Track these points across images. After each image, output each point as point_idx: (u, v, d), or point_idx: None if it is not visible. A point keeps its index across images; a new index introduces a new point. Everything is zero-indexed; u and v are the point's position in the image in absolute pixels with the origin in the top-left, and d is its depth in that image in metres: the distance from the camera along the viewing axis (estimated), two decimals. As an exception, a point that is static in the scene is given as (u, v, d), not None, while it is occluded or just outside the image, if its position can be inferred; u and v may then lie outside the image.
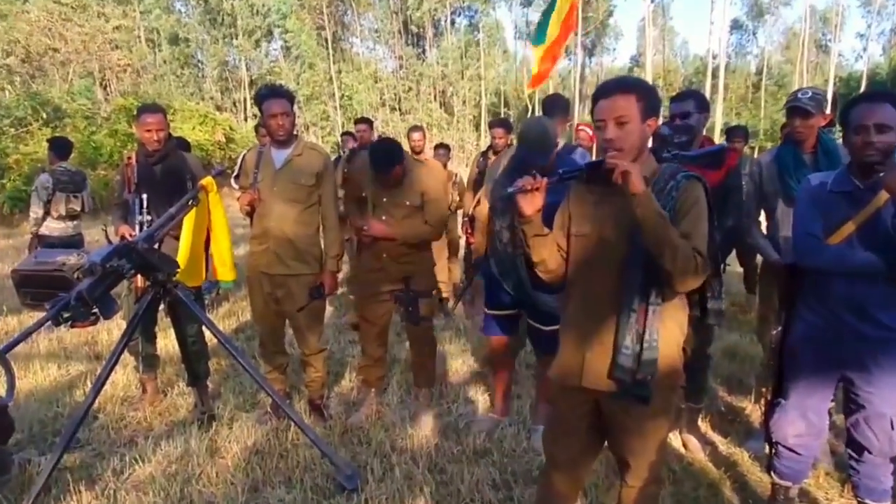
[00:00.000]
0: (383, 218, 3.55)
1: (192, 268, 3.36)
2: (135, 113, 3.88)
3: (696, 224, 1.89)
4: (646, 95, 1.92)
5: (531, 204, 1.95)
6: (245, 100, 36.13)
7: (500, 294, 3.45)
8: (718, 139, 17.09)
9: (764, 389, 3.60)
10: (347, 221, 6.20)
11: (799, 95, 3.20)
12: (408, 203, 3.56)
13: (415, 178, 3.58)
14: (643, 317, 1.91)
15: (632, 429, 2.05)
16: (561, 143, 3.92)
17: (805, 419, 2.60)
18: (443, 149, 7.39)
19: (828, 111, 3.25)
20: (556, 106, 3.99)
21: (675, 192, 1.91)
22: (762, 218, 3.51)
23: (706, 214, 1.93)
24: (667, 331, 1.95)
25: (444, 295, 6.22)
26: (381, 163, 3.40)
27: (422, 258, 3.72)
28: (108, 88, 29.56)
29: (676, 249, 1.79)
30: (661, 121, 2.31)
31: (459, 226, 6.66)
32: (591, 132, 5.95)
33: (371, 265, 3.66)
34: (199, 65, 39.13)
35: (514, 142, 3.42)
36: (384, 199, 3.57)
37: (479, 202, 3.72)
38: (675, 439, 3.52)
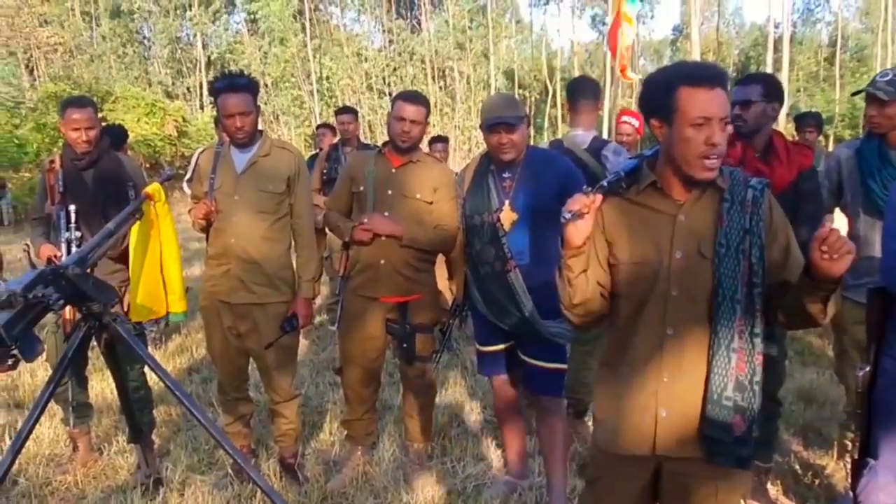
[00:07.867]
0: (385, 214, 3.56)
1: (153, 298, 3.32)
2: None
3: (797, 248, 1.96)
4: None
5: (580, 231, 1.90)
6: (201, 85, 36.24)
7: (490, 327, 3.44)
8: (784, 128, 17.05)
9: (848, 442, 3.54)
10: (326, 235, 6.26)
11: (876, 79, 3.25)
12: (418, 196, 3.58)
13: (428, 169, 3.63)
14: (743, 358, 1.88)
15: (704, 495, 2.02)
16: (591, 134, 3.91)
17: (901, 483, 2.55)
18: (440, 143, 7.30)
19: None
20: (584, 90, 3.96)
21: (760, 205, 1.91)
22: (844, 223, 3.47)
23: None
24: None
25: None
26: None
27: (426, 277, 3.72)
28: (35, 72, 29.76)
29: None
30: None
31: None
32: (636, 123, 5.82)
33: (362, 278, 3.63)
34: (146, 42, 39.37)
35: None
36: (389, 192, 3.59)
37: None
38: (737, 507, 3.47)
